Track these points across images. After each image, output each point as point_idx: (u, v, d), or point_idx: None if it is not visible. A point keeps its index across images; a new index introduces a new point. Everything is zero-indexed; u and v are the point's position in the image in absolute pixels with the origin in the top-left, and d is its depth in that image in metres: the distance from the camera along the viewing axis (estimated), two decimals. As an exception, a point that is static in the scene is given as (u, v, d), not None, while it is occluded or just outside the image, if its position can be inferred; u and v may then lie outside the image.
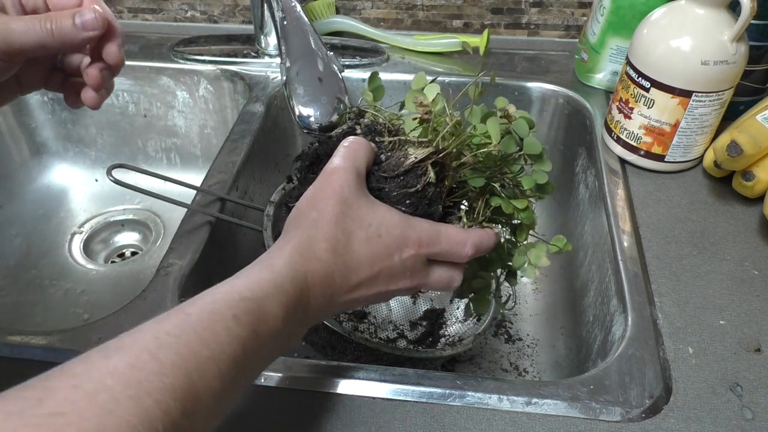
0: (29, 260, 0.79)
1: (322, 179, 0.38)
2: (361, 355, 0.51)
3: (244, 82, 0.79)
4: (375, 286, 0.38)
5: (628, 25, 0.69)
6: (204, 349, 0.28)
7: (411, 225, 0.38)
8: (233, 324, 0.29)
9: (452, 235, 0.39)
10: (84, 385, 0.24)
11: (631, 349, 0.46)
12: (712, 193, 0.61)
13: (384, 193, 0.39)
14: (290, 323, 0.33)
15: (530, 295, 0.73)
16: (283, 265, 0.34)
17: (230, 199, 0.61)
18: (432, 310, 0.66)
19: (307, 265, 0.35)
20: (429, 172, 0.38)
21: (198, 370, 0.27)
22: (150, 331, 0.28)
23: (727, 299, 0.50)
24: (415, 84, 0.43)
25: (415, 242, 0.38)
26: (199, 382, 0.27)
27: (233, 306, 0.30)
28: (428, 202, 0.39)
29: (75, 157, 0.91)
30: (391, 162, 0.39)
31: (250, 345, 0.30)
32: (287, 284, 0.33)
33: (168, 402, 0.25)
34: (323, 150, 0.42)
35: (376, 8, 0.89)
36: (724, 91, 0.57)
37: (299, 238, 0.36)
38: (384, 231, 0.37)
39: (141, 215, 0.85)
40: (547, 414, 0.42)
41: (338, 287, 0.36)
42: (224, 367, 0.28)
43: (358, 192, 0.37)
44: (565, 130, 0.77)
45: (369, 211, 0.37)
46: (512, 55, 0.84)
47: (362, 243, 0.37)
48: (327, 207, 0.36)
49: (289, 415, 0.42)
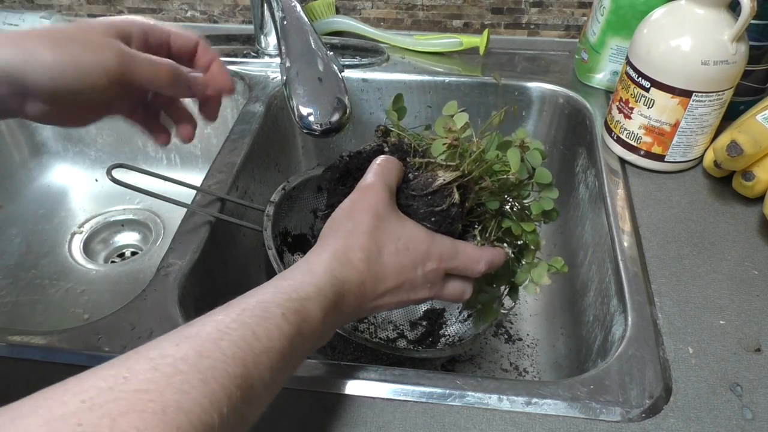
0: (29, 260, 0.79)
1: (358, 193, 0.41)
2: (361, 355, 0.51)
3: (244, 82, 0.79)
4: (398, 295, 0.41)
5: (628, 25, 0.69)
6: (257, 343, 0.30)
7: (434, 241, 0.42)
8: (282, 321, 0.32)
9: (469, 253, 0.43)
10: (161, 368, 0.27)
11: (631, 349, 0.46)
12: (712, 193, 0.61)
13: (412, 209, 0.42)
14: (327, 324, 0.36)
15: (530, 295, 0.73)
16: (324, 271, 0.37)
17: (230, 199, 0.61)
18: (432, 310, 0.66)
19: (344, 272, 0.38)
20: (454, 193, 0.42)
21: (253, 361, 0.30)
22: (211, 324, 0.30)
23: (727, 299, 0.50)
24: (446, 110, 0.46)
25: (437, 257, 0.41)
26: (254, 372, 0.30)
27: (281, 305, 0.33)
28: (451, 221, 0.42)
29: (75, 157, 0.91)
30: (420, 181, 0.42)
31: (295, 342, 0.33)
32: (327, 289, 0.36)
33: (230, 388, 0.28)
34: (353, 164, 0.45)
35: (376, 8, 0.89)
36: (724, 91, 0.57)
37: (336, 247, 0.39)
38: (411, 245, 0.40)
39: (141, 215, 0.85)
40: (547, 414, 0.42)
41: (368, 295, 0.39)
42: (274, 360, 0.31)
43: (390, 207, 0.41)
44: (565, 130, 0.77)
45: (399, 226, 0.41)
46: (512, 55, 0.84)
47: (392, 255, 0.40)
48: (363, 219, 0.39)
49: (289, 415, 0.42)
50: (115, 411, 0.24)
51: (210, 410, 0.27)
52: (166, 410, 0.25)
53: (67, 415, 0.23)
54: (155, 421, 0.24)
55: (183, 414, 0.25)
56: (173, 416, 0.25)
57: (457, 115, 0.44)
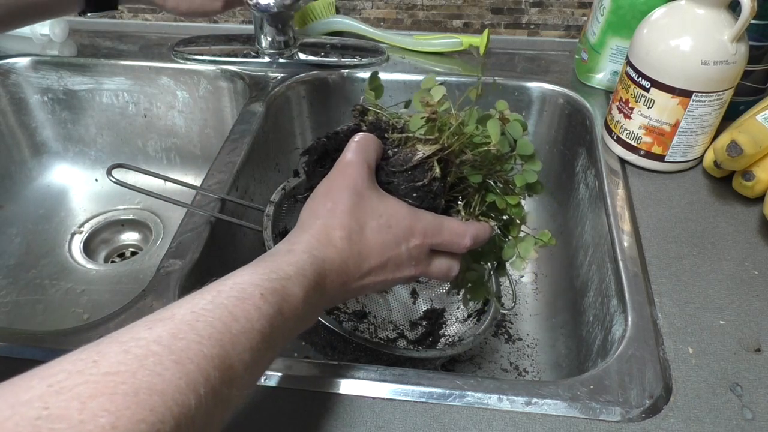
0: (29, 260, 0.79)
1: (336, 172, 0.40)
2: (361, 355, 0.51)
3: (244, 82, 0.79)
4: (383, 273, 0.40)
5: (628, 25, 0.69)
6: (235, 324, 0.30)
7: (417, 217, 0.41)
8: (261, 302, 0.32)
9: (453, 227, 0.42)
10: (133, 350, 0.26)
11: (631, 349, 0.46)
12: (712, 193, 0.61)
13: (393, 186, 0.41)
14: (309, 305, 0.35)
15: (530, 295, 0.73)
16: (303, 250, 0.36)
17: (230, 199, 0.61)
18: (432, 310, 0.66)
19: (325, 251, 0.37)
20: (435, 167, 0.41)
21: (231, 342, 0.29)
22: (186, 307, 0.30)
23: (727, 299, 0.50)
24: (424, 84, 0.45)
25: (421, 233, 0.41)
26: (232, 353, 0.29)
27: (259, 285, 0.32)
28: (433, 196, 0.42)
29: (75, 157, 0.91)
30: (399, 157, 0.41)
31: (275, 322, 0.32)
32: (307, 268, 0.35)
33: (207, 369, 0.27)
34: (331, 145, 0.43)
35: (376, 8, 0.89)
36: (724, 91, 0.57)
37: (316, 227, 0.38)
38: (394, 222, 0.40)
39: (141, 215, 0.85)
40: (547, 414, 0.42)
41: (352, 273, 0.39)
42: (254, 340, 0.30)
43: (370, 185, 0.40)
44: (565, 130, 0.77)
45: (380, 203, 0.40)
46: (512, 55, 0.84)
47: (374, 232, 0.39)
48: (342, 198, 0.39)
49: (289, 415, 0.42)
50: (85, 394, 0.23)
51: (186, 391, 0.26)
52: (138, 392, 0.24)
53: (33, 399, 0.23)
54: (127, 403, 0.24)
55: (156, 395, 0.25)
56: (146, 398, 0.24)
57: (434, 88, 0.43)
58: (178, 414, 0.25)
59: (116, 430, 0.23)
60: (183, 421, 0.26)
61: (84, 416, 0.23)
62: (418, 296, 0.68)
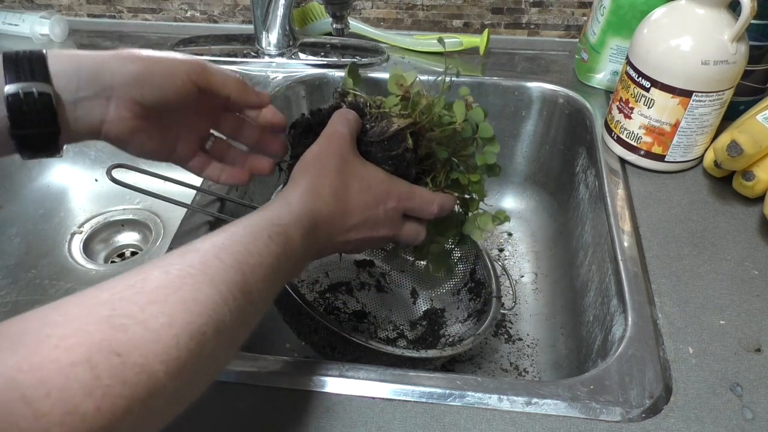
0: (29, 260, 0.79)
1: (324, 139, 0.45)
2: (361, 355, 0.51)
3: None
4: (362, 231, 0.45)
5: (628, 25, 0.69)
6: (251, 258, 0.34)
7: (393, 182, 0.46)
8: (269, 242, 0.36)
9: (423, 195, 0.48)
10: (173, 272, 0.31)
11: (631, 349, 0.46)
12: (712, 193, 0.61)
13: (371, 154, 0.46)
14: (305, 249, 0.40)
15: (530, 295, 0.73)
16: (298, 201, 0.41)
17: (230, 199, 0.61)
18: (432, 310, 0.66)
19: (317, 204, 0.41)
20: (408, 139, 0.46)
21: (251, 271, 0.34)
22: (208, 242, 0.34)
23: (727, 299, 0.50)
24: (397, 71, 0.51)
25: (396, 197, 0.46)
26: (252, 281, 0.34)
27: (266, 228, 0.37)
28: (406, 164, 0.47)
29: (75, 157, 0.91)
30: (376, 130, 0.47)
31: (281, 260, 0.36)
32: (303, 217, 0.40)
33: (233, 291, 0.32)
34: (314, 120, 0.49)
35: (376, 8, 0.89)
36: (724, 91, 0.57)
37: (308, 183, 0.42)
38: (373, 184, 0.45)
39: (141, 215, 0.85)
40: (547, 414, 0.42)
41: (337, 227, 0.43)
42: (267, 273, 0.35)
43: (353, 152, 0.45)
44: (565, 130, 0.77)
45: (362, 168, 0.45)
46: (512, 55, 0.84)
47: (357, 193, 0.44)
48: (330, 161, 0.43)
49: (289, 415, 0.42)
50: (142, 301, 0.28)
51: (221, 306, 0.31)
52: (185, 301, 0.29)
53: (102, 303, 0.28)
54: (178, 309, 0.29)
55: (200, 305, 0.30)
56: (192, 306, 0.29)
57: (407, 72, 0.49)
58: (216, 322, 0.30)
59: (172, 327, 0.28)
60: (221, 328, 0.30)
61: (145, 316, 0.28)
62: (418, 296, 0.68)
